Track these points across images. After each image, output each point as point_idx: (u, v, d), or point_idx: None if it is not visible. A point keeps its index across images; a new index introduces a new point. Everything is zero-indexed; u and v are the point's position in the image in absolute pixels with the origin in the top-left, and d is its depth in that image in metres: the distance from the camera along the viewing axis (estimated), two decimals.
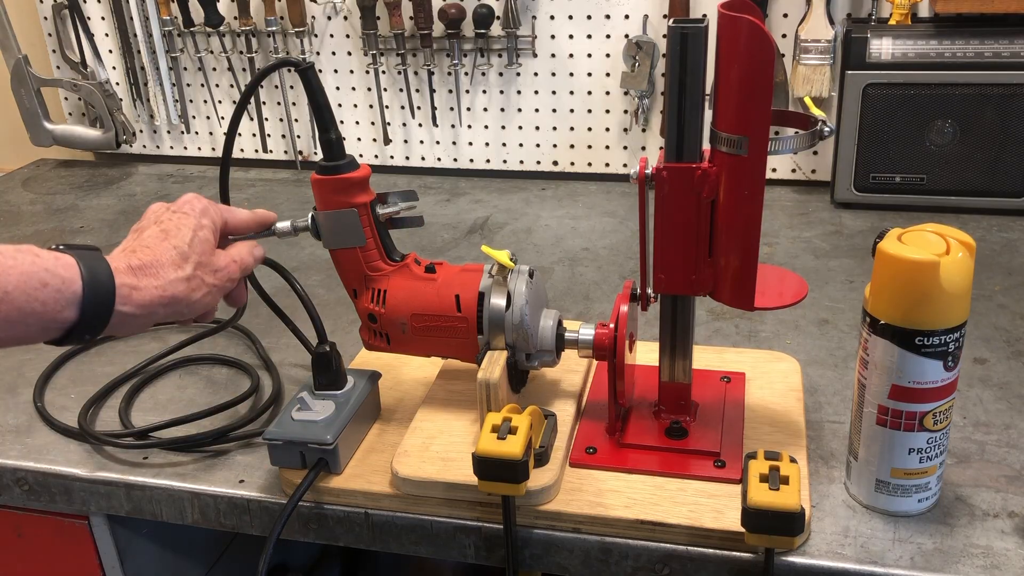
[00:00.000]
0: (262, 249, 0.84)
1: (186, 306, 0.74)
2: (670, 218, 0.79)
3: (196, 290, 0.74)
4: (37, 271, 0.65)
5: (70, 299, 0.67)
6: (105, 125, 1.69)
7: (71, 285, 0.67)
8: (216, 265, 0.77)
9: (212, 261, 0.76)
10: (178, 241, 0.74)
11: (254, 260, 0.83)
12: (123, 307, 0.69)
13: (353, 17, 1.61)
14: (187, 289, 0.73)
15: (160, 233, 0.75)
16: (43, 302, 0.65)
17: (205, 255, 0.76)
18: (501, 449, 0.75)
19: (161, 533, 1.05)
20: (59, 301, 0.66)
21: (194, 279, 0.74)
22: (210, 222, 0.78)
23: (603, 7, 1.51)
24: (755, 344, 1.07)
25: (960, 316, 0.72)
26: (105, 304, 0.68)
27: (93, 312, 0.68)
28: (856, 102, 1.35)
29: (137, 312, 0.70)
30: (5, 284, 0.64)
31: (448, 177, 1.68)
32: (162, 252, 0.73)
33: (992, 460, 0.86)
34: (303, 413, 0.86)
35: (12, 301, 0.64)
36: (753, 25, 0.70)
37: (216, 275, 0.76)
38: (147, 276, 0.71)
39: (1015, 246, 1.29)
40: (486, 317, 0.85)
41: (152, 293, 0.71)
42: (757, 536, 0.72)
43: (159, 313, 0.72)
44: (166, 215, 0.77)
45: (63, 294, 0.66)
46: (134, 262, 0.71)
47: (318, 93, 0.83)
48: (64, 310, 0.67)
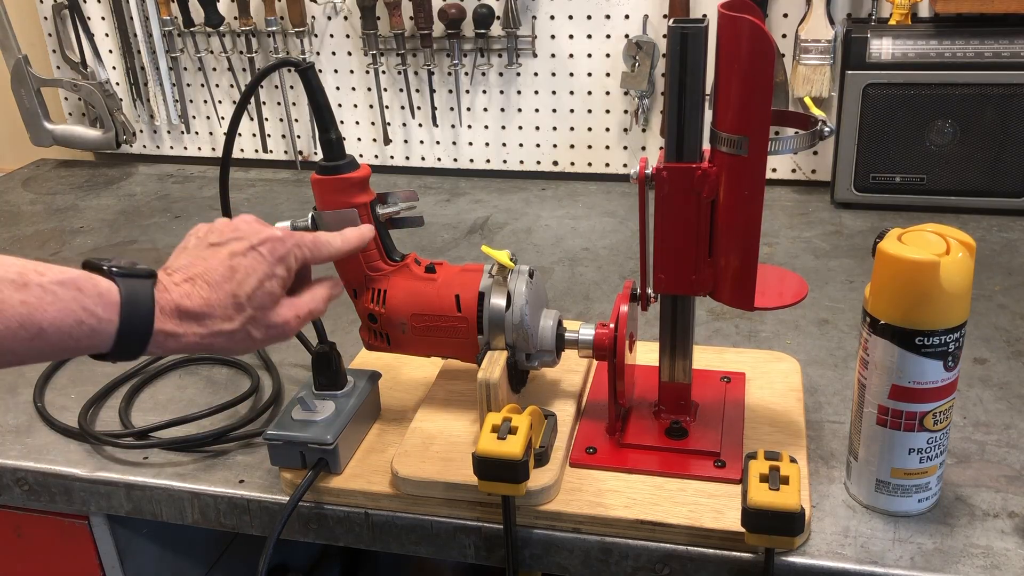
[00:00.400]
0: (340, 287, 0.81)
1: (222, 353, 0.73)
2: (670, 218, 0.79)
3: (238, 344, 0.71)
4: (76, 309, 0.64)
5: (104, 338, 0.66)
6: (105, 125, 1.69)
7: (108, 326, 0.65)
8: (272, 322, 0.73)
9: (268, 317, 0.72)
10: (239, 290, 0.70)
11: (326, 305, 0.79)
12: (156, 350, 0.68)
13: (353, 17, 1.61)
14: (228, 342, 0.71)
15: (227, 271, 0.71)
16: (77, 339, 0.65)
17: (263, 310, 0.72)
18: (501, 449, 0.75)
19: (161, 533, 1.05)
20: (93, 339, 0.65)
21: (240, 332, 0.71)
22: (284, 271, 0.73)
23: (603, 7, 1.51)
24: (755, 344, 1.07)
25: (960, 316, 0.72)
26: (138, 346, 0.67)
27: (124, 352, 0.67)
28: (856, 102, 1.35)
29: (169, 350, 0.70)
30: (41, 321, 0.62)
31: (448, 177, 1.68)
32: (219, 298, 0.70)
33: (992, 460, 0.86)
34: (303, 413, 0.86)
35: (46, 338, 0.63)
36: (753, 25, 0.70)
37: (268, 331, 0.72)
38: (192, 323, 0.69)
39: (1015, 246, 1.29)
40: (486, 317, 0.85)
41: (190, 340, 0.69)
42: (757, 536, 0.72)
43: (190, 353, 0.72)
44: (243, 248, 0.72)
45: (98, 333, 0.65)
46: (185, 303, 0.69)
47: (318, 93, 0.83)
48: (96, 346, 0.66)
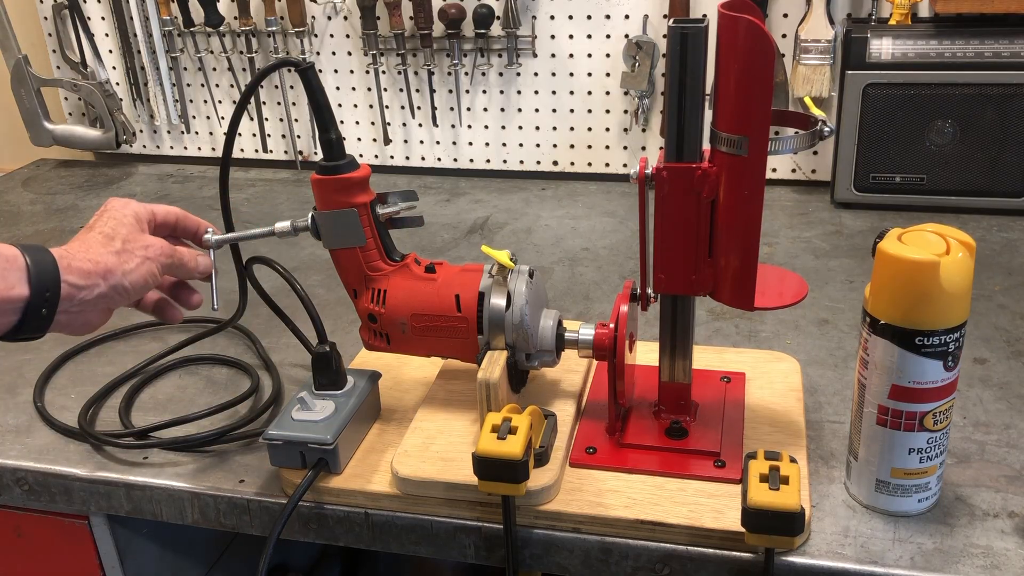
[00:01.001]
0: (209, 261, 0.89)
1: (122, 275, 0.78)
2: (670, 218, 0.79)
3: (127, 261, 0.79)
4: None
5: (18, 275, 0.71)
6: (105, 125, 1.69)
7: (16, 261, 0.71)
8: (145, 242, 0.81)
9: (140, 238, 0.81)
10: (102, 228, 0.80)
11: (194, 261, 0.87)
12: (67, 276, 0.74)
13: (353, 17, 1.61)
14: (118, 261, 0.78)
15: (85, 230, 0.81)
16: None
17: (132, 234, 0.81)
18: (501, 449, 0.75)
19: (161, 533, 1.05)
20: (8, 279, 0.70)
21: (124, 252, 0.79)
22: (132, 212, 0.83)
23: (603, 7, 1.51)
24: (755, 344, 1.07)
25: (960, 316, 0.72)
26: (51, 274, 0.73)
27: (42, 284, 0.72)
28: (856, 102, 1.35)
29: (80, 282, 0.75)
30: None
31: (448, 177, 1.68)
32: (89, 239, 0.79)
33: (992, 460, 0.86)
34: (303, 413, 0.86)
35: None
36: (753, 25, 0.70)
37: (147, 250, 0.81)
38: (79, 254, 0.76)
39: (1015, 246, 1.29)
40: (486, 317, 0.85)
41: (87, 264, 0.76)
42: (757, 536, 0.72)
43: (101, 286, 0.77)
44: (93, 218, 0.82)
45: (10, 271, 0.71)
46: (65, 247, 0.77)
47: (318, 93, 0.83)
48: (15, 287, 0.71)
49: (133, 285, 0.79)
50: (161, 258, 0.82)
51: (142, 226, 0.83)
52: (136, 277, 0.80)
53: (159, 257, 0.82)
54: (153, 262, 0.81)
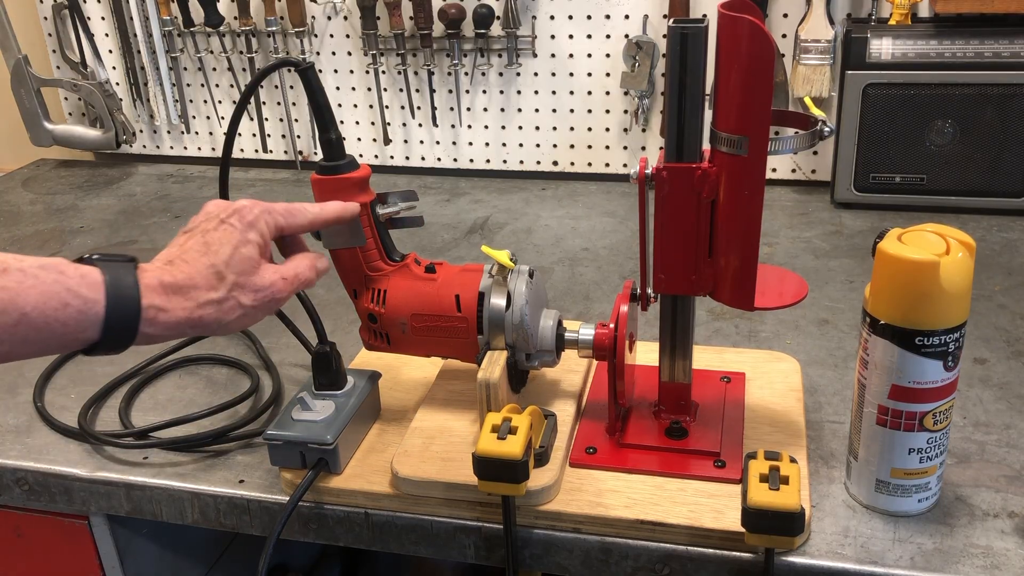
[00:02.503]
0: (326, 261, 0.81)
1: (216, 328, 0.70)
2: (670, 218, 0.79)
3: (229, 312, 0.70)
4: (59, 291, 0.63)
5: (92, 320, 0.64)
6: (105, 125, 1.69)
7: (94, 307, 0.64)
8: (257, 285, 0.72)
9: (252, 281, 0.72)
10: (216, 259, 0.70)
11: (315, 274, 0.78)
12: (148, 329, 0.67)
13: (353, 17, 1.61)
14: (218, 312, 0.70)
15: (201, 247, 0.71)
16: (63, 323, 0.63)
17: (244, 275, 0.71)
18: (501, 449, 0.75)
19: (161, 533, 1.05)
20: (80, 322, 0.63)
21: (228, 300, 0.70)
22: (257, 236, 0.73)
23: (603, 7, 1.51)
24: (755, 344, 1.07)
25: (960, 316, 0.72)
26: (129, 327, 0.66)
27: (115, 334, 0.65)
28: (856, 102, 1.35)
29: (163, 333, 0.68)
30: (23, 305, 0.61)
31: (448, 177, 1.68)
32: (198, 270, 0.70)
33: (992, 460, 0.86)
34: (303, 413, 0.86)
35: (31, 322, 0.61)
36: (753, 25, 0.70)
37: (256, 295, 0.72)
38: (178, 296, 0.68)
39: (1015, 246, 1.29)
40: (486, 317, 0.85)
41: (180, 315, 0.68)
42: (757, 536, 0.72)
43: (186, 333, 0.70)
44: (213, 225, 0.73)
45: (85, 315, 0.63)
46: (167, 279, 0.68)
47: (318, 93, 0.83)
48: (86, 331, 0.64)
49: (224, 333, 0.72)
50: (271, 304, 0.73)
51: (263, 254, 0.74)
52: (232, 328, 0.72)
53: (268, 304, 0.73)
54: (259, 310, 0.73)
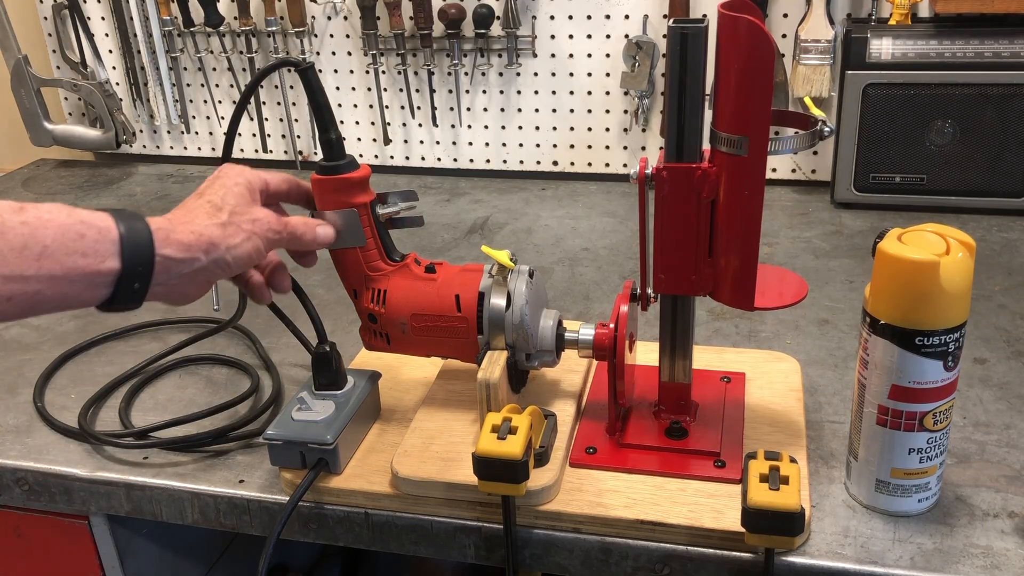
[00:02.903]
0: (330, 231, 0.84)
1: (226, 251, 0.74)
2: (670, 218, 0.79)
3: (233, 235, 0.74)
4: (73, 223, 0.65)
5: (109, 247, 0.66)
6: (105, 125, 1.69)
7: (108, 233, 0.66)
8: (254, 215, 0.77)
9: (249, 211, 0.77)
10: (210, 196, 0.76)
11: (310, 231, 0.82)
12: (163, 250, 0.69)
13: (353, 17, 1.61)
14: (223, 234, 0.74)
15: (194, 196, 0.77)
16: (83, 253, 0.65)
17: (240, 205, 0.76)
18: (501, 449, 0.75)
19: (161, 533, 1.05)
20: (99, 251, 0.66)
21: (230, 225, 0.74)
22: (245, 180, 0.79)
23: (603, 7, 1.51)
24: (755, 344, 1.07)
25: (960, 316, 0.72)
26: (145, 246, 0.68)
27: (135, 257, 0.67)
28: (856, 102, 1.35)
29: (178, 255, 0.70)
30: (43, 238, 0.63)
31: (448, 177, 1.68)
32: (195, 207, 0.75)
33: (992, 460, 0.86)
34: (303, 413, 0.86)
35: (52, 256, 0.63)
36: (753, 25, 0.70)
37: (255, 223, 0.77)
38: (181, 224, 0.72)
39: (1015, 246, 1.29)
40: (486, 317, 0.85)
41: (189, 236, 0.71)
42: (757, 536, 0.72)
43: (201, 260, 0.72)
44: (205, 184, 0.78)
45: (102, 243, 0.66)
46: (169, 216, 0.73)
47: (318, 93, 0.83)
48: (106, 260, 0.66)
49: (236, 260, 0.75)
50: (269, 233, 0.78)
51: (253, 196, 0.79)
52: (240, 252, 0.75)
53: (267, 232, 0.78)
54: (260, 237, 0.77)
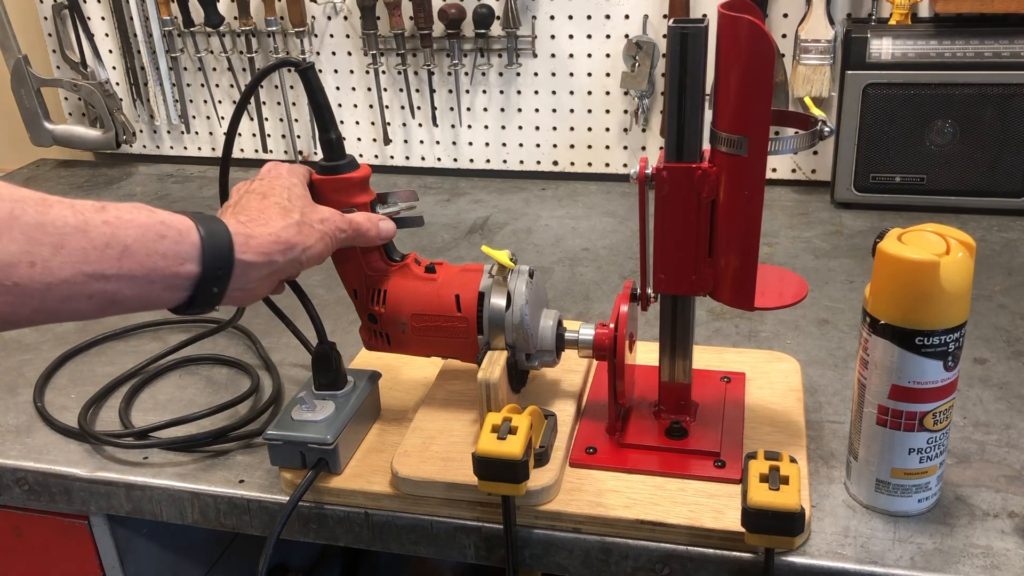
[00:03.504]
0: (391, 224, 0.85)
1: (302, 252, 0.75)
2: (670, 218, 0.79)
3: (308, 236, 0.75)
4: (154, 224, 0.65)
5: (189, 251, 0.66)
6: (105, 125, 1.69)
7: (188, 236, 0.67)
8: (322, 215, 0.78)
9: (316, 210, 0.78)
10: (277, 198, 0.76)
11: (374, 227, 0.83)
12: (243, 255, 0.70)
13: (353, 17, 1.61)
14: (299, 234, 0.74)
15: (257, 196, 0.76)
16: (163, 255, 0.65)
17: (308, 206, 0.77)
18: (501, 449, 0.75)
19: (161, 533, 1.05)
20: (179, 254, 0.66)
21: (304, 225, 0.75)
22: (300, 180, 0.80)
23: (603, 7, 1.51)
24: (755, 344, 1.07)
25: (960, 316, 0.72)
26: (225, 251, 0.68)
27: (214, 261, 0.68)
28: (856, 102, 1.35)
29: (257, 260, 0.71)
30: (124, 238, 0.63)
31: (448, 177, 1.68)
32: (265, 207, 0.75)
33: (992, 460, 0.86)
34: (303, 413, 0.85)
35: (133, 256, 0.63)
36: (753, 25, 0.70)
37: (324, 223, 0.78)
38: (259, 226, 0.73)
39: (1015, 246, 1.29)
40: (486, 317, 0.85)
41: (267, 239, 0.72)
42: (757, 536, 0.72)
43: (278, 262, 0.73)
44: (256, 184, 0.79)
45: (182, 245, 0.66)
46: (242, 218, 0.73)
47: (318, 93, 0.83)
48: (185, 263, 0.66)
49: (309, 260, 0.76)
50: (337, 232, 0.79)
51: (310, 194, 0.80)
52: (313, 252, 0.76)
53: (335, 231, 0.78)
54: (330, 236, 0.78)
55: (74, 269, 0.61)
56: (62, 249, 0.60)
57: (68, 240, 0.61)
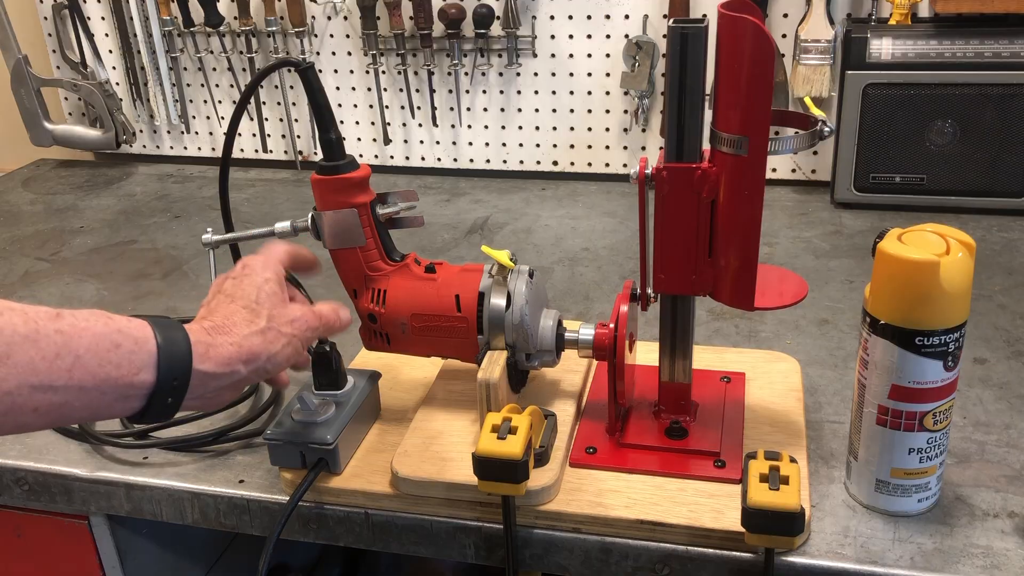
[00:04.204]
0: (348, 312, 0.82)
1: (267, 360, 0.72)
2: (670, 218, 0.79)
3: (273, 342, 0.72)
4: (109, 332, 0.63)
5: (145, 360, 0.64)
6: (105, 125, 1.69)
7: (145, 344, 0.64)
8: (291, 315, 0.75)
9: (285, 312, 0.75)
10: (245, 300, 0.73)
11: (337, 318, 0.80)
12: (202, 365, 0.67)
13: (353, 17, 1.61)
14: (264, 342, 0.71)
15: (226, 299, 0.74)
16: (117, 364, 0.62)
17: (276, 307, 0.74)
18: (501, 449, 0.75)
19: (161, 533, 1.05)
20: (134, 363, 0.63)
21: (270, 331, 0.72)
22: (273, 275, 0.76)
23: (603, 7, 1.51)
24: (755, 344, 1.07)
25: (960, 316, 0.72)
26: (183, 361, 0.66)
27: (171, 371, 0.65)
28: (856, 102, 1.35)
29: (218, 371, 0.68)
30: (77, 348, 0.61)
31: (448, 177, 1.68)
32: (232, 312, 0.72)
33: (992, 460, 0.86)
34: (303, 413, 0.85)
35: (85, 365, 0.61)
36: (753, 25, 0.70)
37: (293, 324, 0.74)
38: (221, 334, 0.70)
39: (1015, 246, 1.29)
40: (486, 317, 0.85)
41: (229, 349, 0.69)
42: (757, 536, 0.72)
43: (241, 372, 0.70)
44: (228, 284, 0.75)
45: (137, 354, 0.63)
46: (207, 324, 0.70)
47: (318, 93, 0.83)
48: (140, 372, 0.64)
49: (276, 367, 0.73)
50: (307, 332, 0.76)
51: (284, 291, 0.76)
52: (280, 359, 0.73)
53: (305, 332, 0.75)
54: (299, 339, 0.75)
55: (19, 380, 0.58)
56: (8, 359, 0.57)
57: (16, 350, 0.58)
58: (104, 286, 1.31)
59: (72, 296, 1.28)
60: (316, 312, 0.78)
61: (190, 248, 1.43)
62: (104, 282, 1.32)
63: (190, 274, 1.34)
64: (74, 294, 1.29)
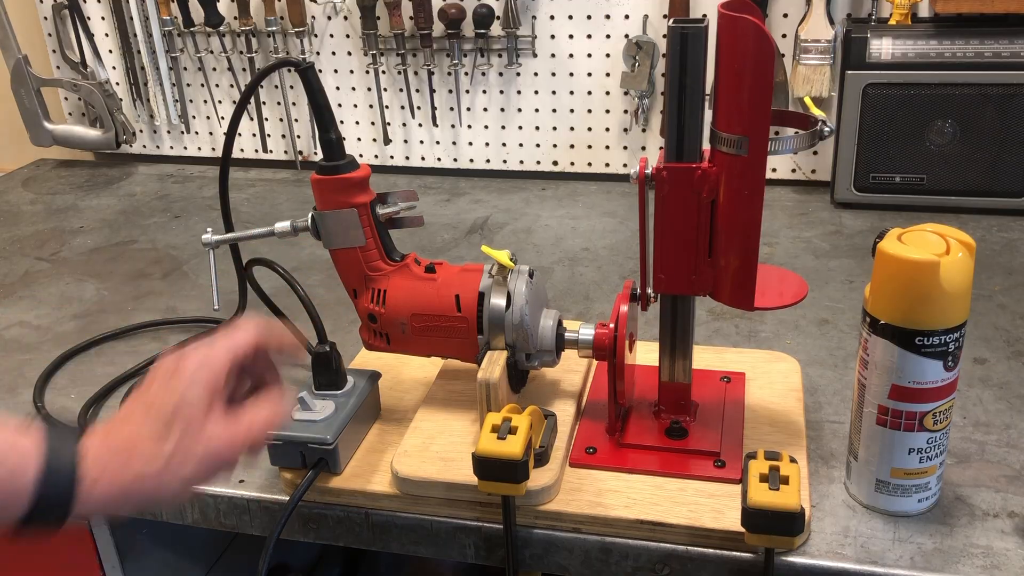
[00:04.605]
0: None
1: (162, 495, 0.64)
2: (670, 218, 0.79)
3: (180, 465, 0.64)
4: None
5: (26, 464, 0.59)
6: (105, 125, 1.69)
7: (27, 449, 0.59)
8: (210, 433, 0.65)
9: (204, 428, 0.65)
10: (160, 408, 0.65)
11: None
12: (85, 505, 0.61)
13: (353, 17, 1.61)
14: (164, 472, 0.63)
15: (142, 406, 0.66)
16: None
17: (195, 421, 0.64)
18: (501, 449, 0.75)
19: (161, 533, 1.05)
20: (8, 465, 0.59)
21: (174, 458, 0.63)
22: (205, 378, 0.66)
23: (603, 7, 1.51)
24: (755, 344, 1.07)
25: (960, 316, 0.72)
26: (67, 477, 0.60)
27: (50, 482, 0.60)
28: (856, 102, 1.35)
29: (101, 510, 0.63)
30: None
31: (448, 177, 1.68)
32: (141, 423, 0.64)
33: (992, 460, 0.86)
34: (303, 413, 0.85)
35: None
36: (754, 25, 0.70)
37: (209, 443, 0.65)
38: (118, 460, 0.63)
39: (1015, 246, 1.29)
40: (486, 317, 0.85)
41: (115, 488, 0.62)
42: (757, 536, 0.72)
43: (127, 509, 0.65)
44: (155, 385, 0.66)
45: (13, 484, 0.59)
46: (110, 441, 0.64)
47: (318, 93, 0.83)
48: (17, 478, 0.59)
49: (178, 496, 0.65)
50: (225, 456, 0.66)
51: (214, 396, 0.66)
52: (185, 486, 0.64)
53: (220, 456, 0.65)
54: (213, 459, 0.65)
55: None
56: None
57: None
58: (104, 286, 1.31)
59: (72, 296, 1.28)
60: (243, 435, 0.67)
61: (190, 248, 1.43)
62: (104, 282, 1.32)
63: (190, 274, 1.34)
64: (74, 294, 1.29)
